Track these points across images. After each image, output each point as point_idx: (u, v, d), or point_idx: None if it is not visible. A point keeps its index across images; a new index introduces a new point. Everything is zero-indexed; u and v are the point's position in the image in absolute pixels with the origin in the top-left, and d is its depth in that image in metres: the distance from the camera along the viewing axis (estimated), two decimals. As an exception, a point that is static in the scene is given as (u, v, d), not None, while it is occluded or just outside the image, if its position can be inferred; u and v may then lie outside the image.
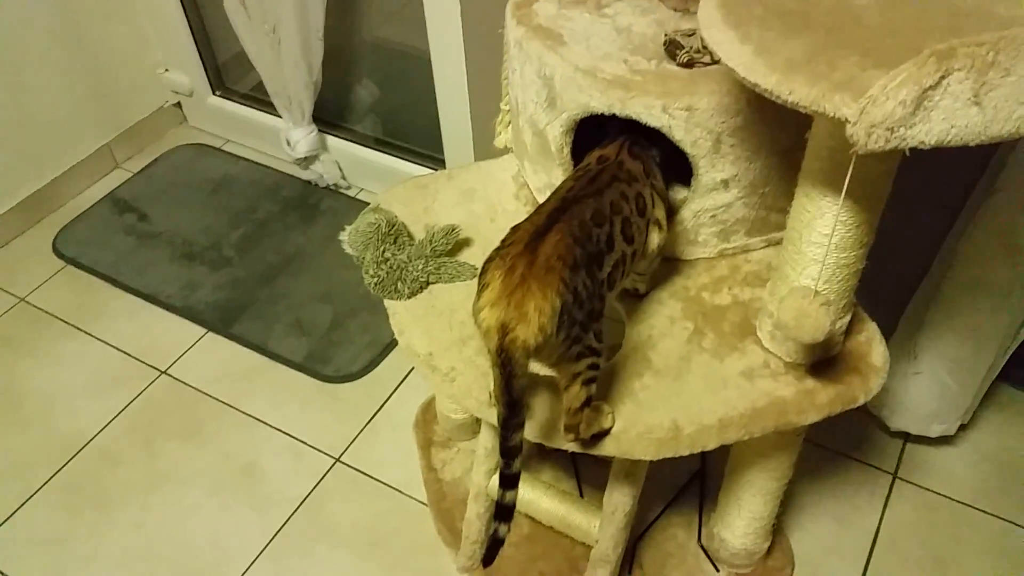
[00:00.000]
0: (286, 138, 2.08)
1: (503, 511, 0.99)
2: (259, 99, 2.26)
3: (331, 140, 2.15)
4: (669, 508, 1.51)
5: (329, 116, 2.16)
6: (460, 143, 1.84)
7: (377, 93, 2.15)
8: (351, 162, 2.15)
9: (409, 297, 1.17)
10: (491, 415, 1.06)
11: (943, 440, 1.56)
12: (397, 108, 2.15)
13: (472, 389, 1.08)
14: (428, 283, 1.19)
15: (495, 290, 0.86)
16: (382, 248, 1.16)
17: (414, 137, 2.10)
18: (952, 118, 0.67)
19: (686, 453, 1.02)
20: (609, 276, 0.96)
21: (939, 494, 1.53)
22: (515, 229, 0.92)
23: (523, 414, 0.91)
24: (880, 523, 1.49)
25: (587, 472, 1.52)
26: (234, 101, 2.36)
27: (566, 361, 0.92)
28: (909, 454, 1.58)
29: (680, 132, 1.06)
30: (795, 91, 0.72)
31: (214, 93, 2.37)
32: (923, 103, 0.66)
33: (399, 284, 1.16)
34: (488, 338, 0.86)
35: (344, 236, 1.21)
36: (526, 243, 0.88)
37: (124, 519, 1.55)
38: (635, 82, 1.06)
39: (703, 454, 1.47)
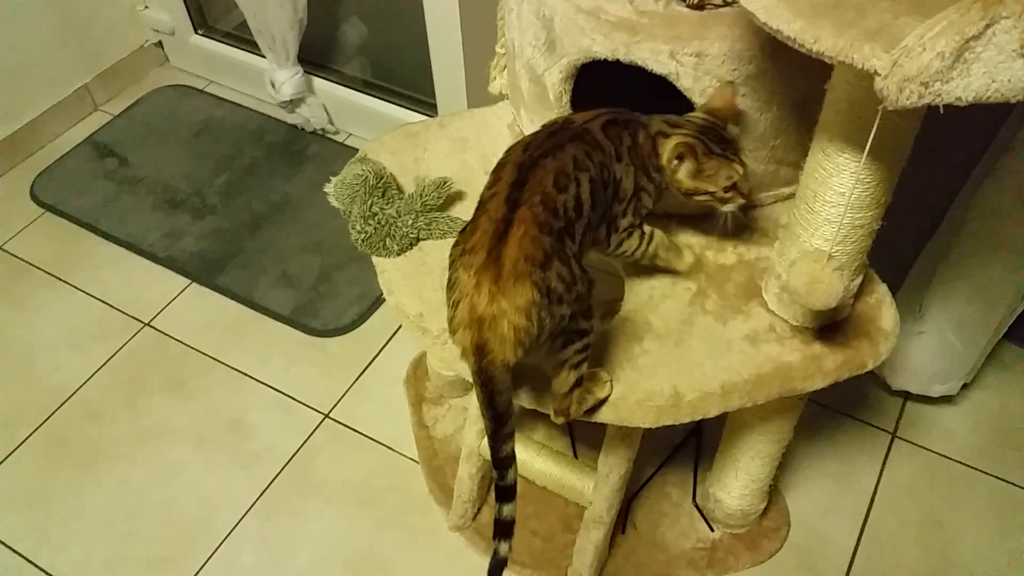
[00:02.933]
0: (270, 80, 1.99)
1: (502, 527, 0.94)
2: (243, 38, 2.16)
3: (317, 82, 2.06)
4: (664, 467, 1.48)
5: (315, 57, 2.06)
6: (453, 87, 1.76)
7: (365, 32, 2.05)
8: (339, 106, 2.07)
9: (398, 254, 1.12)
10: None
11: (944, 399, 1.53)
12: (387, 48, 2.06)
13: (464, 352, 1.03)
14: (419, 239, 1.13)
15: (465, 310, 0.80)
16: (370, 202, 1.10)
17: (405, 80, 2.01)
18: (994, 72, 0.61)
19: (687, 420, 0.98)
20: (581, 243, 0.88)
21: (938, 454, 1.50)
22: (475, 222, 0.84)
23: (510, 425, 0.86)
24: (878, 483, 1.47)
25: (582, 431, 1.49)
26: (217, 40, 2.25)
27: (553, 353, 0.87)
28: (909, 413, 1.55)
29: (688, 80, 0.99)
30: (820, 39, 0.65)
31: (196, 32, 2.26)
32: (964, 55, 0.59)
33: (388, 240, 1.10)
34: (465, 359, 0.81)
35: (330, 188, 1.15)
36: (489, 249, 0.80)
37: (108, 476, 1.52)
38: (641, 25, 0.99)
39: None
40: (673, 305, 1.05)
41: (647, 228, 1.01)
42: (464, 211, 1.18)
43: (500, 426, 0.86)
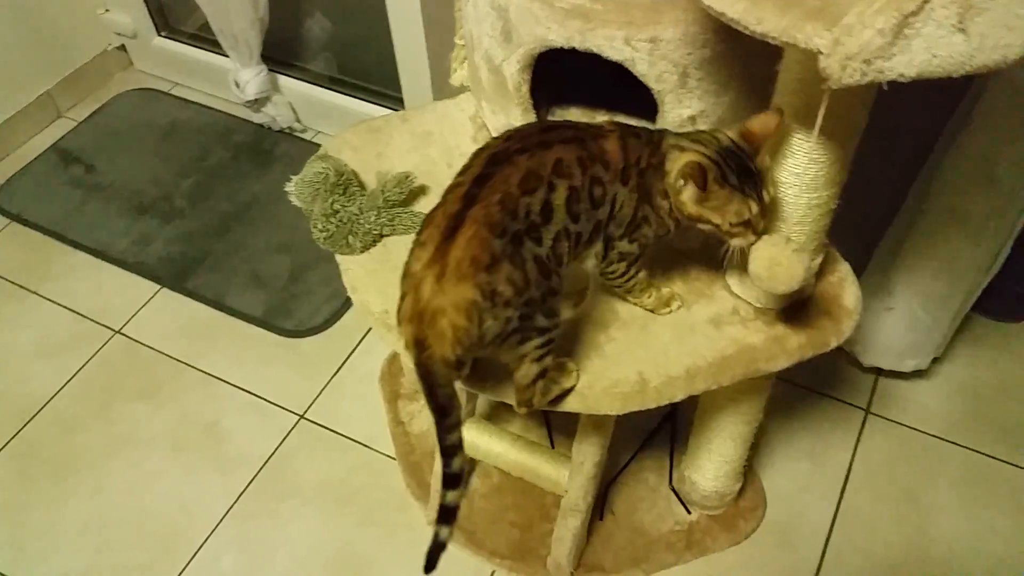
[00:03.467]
0: (234, 79, 1.97)
1: (445, 513, 0.94)
2: (207, 39, 2.13)
3: (283, 80, 2.04)
4: (640, 452, 1.48)
5: (280, 55, 2.04)
6: (418, 81, 1.75)
7: (330, 28, 2.03)
8: (305, 103, 2.05)
9: (362, 251, 1.11)
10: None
11: (916, 374, 1.55)
12: (352, 44, 2.04)
13: (430, 346, 1.02)
14: (382, 235, 1.12)
15: (408, 304, 0.81)
16: (331, 200, 1.09)
17: (371, 75, 2.00)
18: (935, 47, 0.61)
19: (653, 406, 0.98)
20: (554, 251, 0.84)
21: (912, 428, 1.52)
22: (431, 215, 0.84)
23: (455, 415, 0.86)
24: (853, 459, 1.48)
25: (558, 421, 1.49)
26: (181, 42, 2.23)
27: (507, 350, 0.86)
28: (882, 389, 1.57)
29: (643, 66, 0.99)
30: (764, 20, 0.65)
31: (159, 34, 2.24)
32: (903, 31, 0.60)
33: (350, 238, 1.09)
34: (407, 352, 0.82)
35: (290, 187, 1.14)
36: (437, 245, 0.80)
37: (83, 486, 1.51)
38: (595, 11, 0.99)
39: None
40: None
41: (637, 268, 0.98)
42: (428, 206, 1.15)
43: (443, 417, 0.85)
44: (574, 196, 0.85)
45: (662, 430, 1.50)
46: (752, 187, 0.85)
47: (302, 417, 1.58)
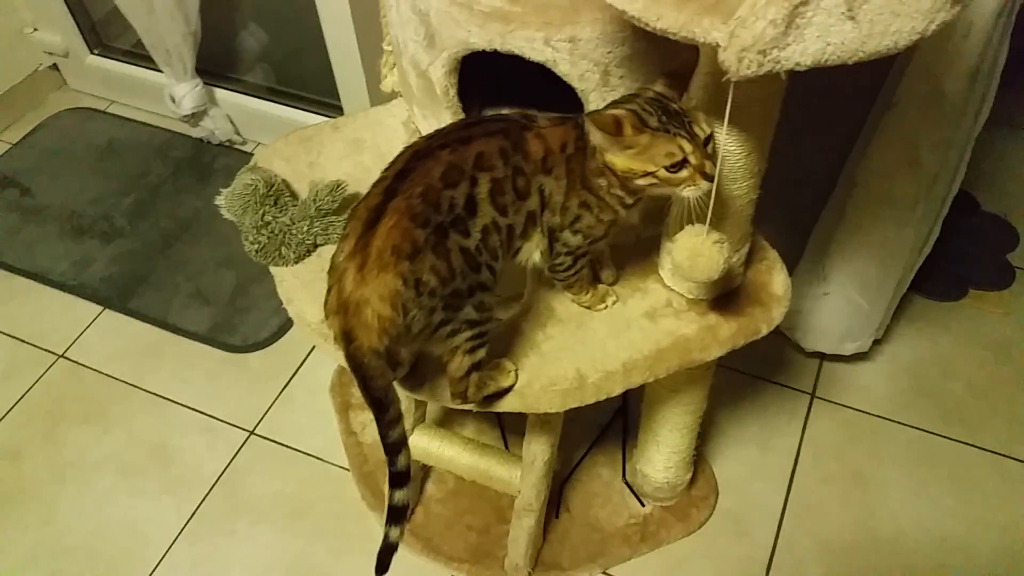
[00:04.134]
0: (170, 95, 1.95)
1: (394, 513, 0.94)
2: (142, 55, 2.10)
3: (220, 93, 2.02)
4: (593, 448, 1.49)
5: (215, 67, 2.02)
6: (354, 88, 1.74)
7: (265, 39, 2.02)
8: (244, 115, 2.03)
9: (296, 262, 1.10)
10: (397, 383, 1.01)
11: (858, 356, 1.58)
12: (288, 54, 2.02)
13: (368, 354, 1.02)
14: (316, 245, 1.12)
15: (334, 296, 0.81)
16: (261, 211, 1.08)
17: (309, 84, 1.98)
18: (827, 35, 0.62)
19: (592, 401, 0.99)
20: (484, 244, 0.85)
21: (856, 410, 1.55)
22: (355, 208, 0.84)
23: (393, 410, 0.86)
24: (800, 443, 1.51)
25: (512, 422, 1.49)
26: (115, 59, 2.19)
27: (436, 342, 0.87)
28: (826, 373, 1.60)
29: (565, 65, 0.99)
30: (663, 16, 0.66)
31: (92, 52, 2.20)
32: (795, 20, 0.61)
33: (283, 249, 1.08)
34: (337, 345, 0.82)
35: (221, 200, 1.13)
36: (358, 237, 0.80)
37: (31, 515, 1.47)
38: (514, 14, 0.99)
39: (624, 392, 1.46)
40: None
41: (583, 263, 0.98)
42: (363, 213, 1.17)
43: (382, 412, 0.85)
44: (497, 188, 0.85)
45: (614, 425, 1.51)
46: (678, 125, 0.81)
47: (252, 433, 1.56)
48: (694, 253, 0.84)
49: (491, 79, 1.16)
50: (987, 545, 1.37)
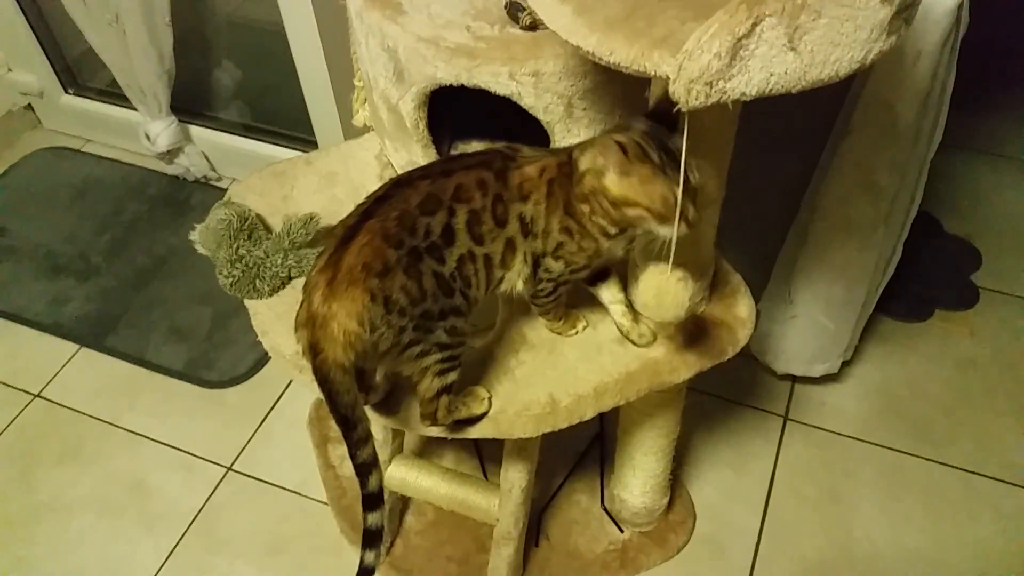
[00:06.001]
0: (145, 132, 1.96)
1: (368, 537, 0.94)
2: (117, 94, 2.12)
3: (195, 130, 2.04)
4: (571, 475, 1.50)
5: (190, 105, 2.04)
6: (328, 123, 1.77)
7: (239, 76, 2.04)
8: (219, 152, 2.05)
9: (270, 295, 1.11)
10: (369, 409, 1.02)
11: (829, 378, 1.60)
12: (263, 90, 2.05)
13: (342, 385, 1.03)
14: (290, 278, 1.13)
15: (304, 309, 0.83)
16: (235, 245, 1.10)
17: (284, 120, 2.01)
18: (770, 66, 0.65)
19: (565, 426, 1.00)
20: (459, 272, 0.87)
21: (829, 431, 1.57)
22: (332, 228, 0.86)
23: (361, 429, 0.87)
24: (775, 466, 1.52)
25: (490, 451, 1.50)
26: (89, 98, 2.21)
27: (406, 362, 0.88)
28: (798, 395, 1.62)
29: (530, 98, 1.03)
30: (615, 51, 0.69)
31: (67, 91, 2.22)
32: (739, 53, 0.64)
33: (257, 282, 1.10)
34: (304, 357, 0.83)
35: (195, 236, 1.14)
36: (331, 254, 0.82)
37: (4, 556, 1.45)
38: (479, 49, 1.02)
39: (600, 418, 1.47)
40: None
41: (563, 291, 0.98)
42: (336, 246, 1.19)
43: (349, 430, 0.86)
44: (474, 219, 0.87)
45: (591, 452, 1.52)
46: (675, 169, 0.79)
47: (230, 469, 1.56)
48: (660, 292, 0.86)
49: (461, 112, 1.19)
50: (959, 561, 1.39)
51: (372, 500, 0.92)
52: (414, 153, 1.18)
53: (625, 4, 0.72)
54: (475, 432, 0.99)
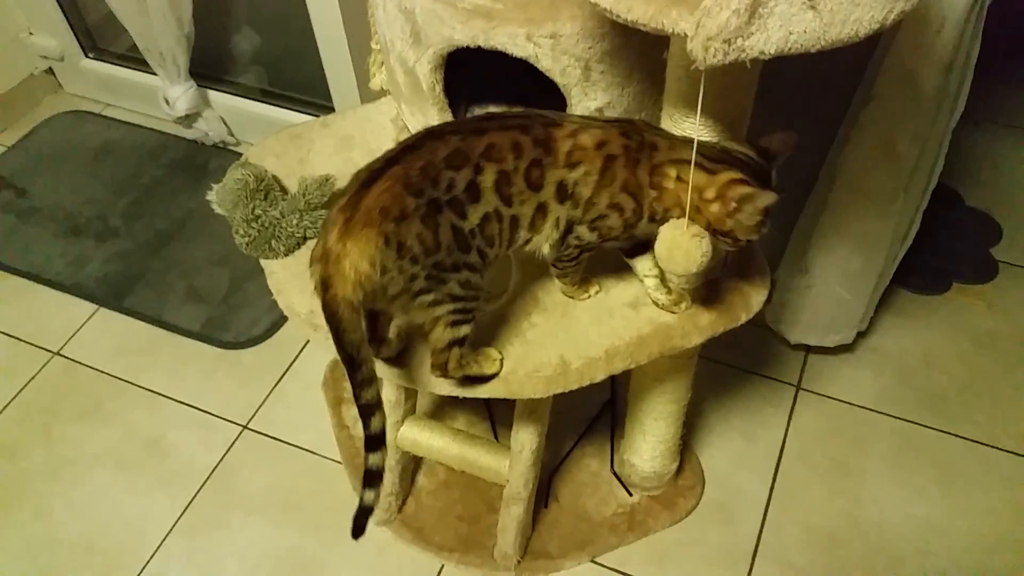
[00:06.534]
0: (164, 97, 1.97)
1: (368, 477, 0.95)
2: (136, 59, 2.13)
3: (213, 95, 2.04)
4: (582, 440, 1.52)
5: (209, 70, 2.05)
6: (345, 88, 1.77)
7: (258, 41, 2.04)
8: (237, 117, 2.06)
9: (286, 255, 1.13)
10: (381, 369, 1.03)
11: (843, 349, 1.60)
12: (281, 56, 2.05)
13: (356, 344, 1.04)
14: (305, 238, 1.14)
15: (320, 245, 0.84)
16: (252, 205, 1.11)
17: (302, 85, 2.01)
18: (789, 24, 0.65)
19: (575, 387, 1.01)
20: (481, 229, 0.88)
21: (841, 401, 1.57)
22: (357, 172, 0.87)
23: (366, 370, 0.87)
24: (786, 434, 1.53)
25: (501, 414, 1.51)
26: (110, 63, 2.22)
27: (417, 309, 0.89)
28: (811, 365, 1.62)
29: (547, 61, 1.02)
30: (633, 8, 0.69)
31: (87, 55, 2.23)
32: (758, 10, 0.63)
33: (273, 242, 1.11)
34: (316, 293, 0.84)
35: (212, 195, 1.15)
36: (352, 194, 0.83)
37: (26, 510, 1.49)
38: (496, 10, 1.02)
39: (612, 384, 1.49)
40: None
41: (587, 256, 0.99)
42: (352, 207, 1.20)
43: (354, 370, 0.87)
44: (504, 179, 0.87)
45: (602, 417, 1.53)
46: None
47: (245, 427, 1.58)
48: (673, 245, 0.86)
49: (478, 76, 1.19)
50: (968, 532, 1.39)
51: (374, 441, 0.93)
52: (430, 116, 1.18)
53: (643, -39, 0.71)
54: (486, 391, 1.00)
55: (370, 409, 0.90)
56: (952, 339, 1.66)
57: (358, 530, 0.96)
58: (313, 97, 1.99)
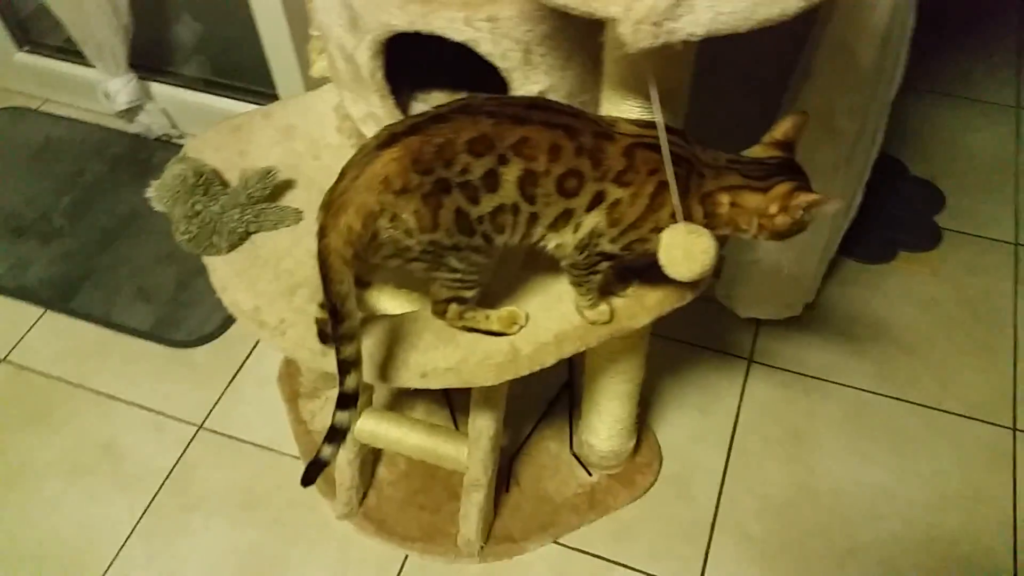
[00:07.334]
0: (103, 91, 1.92)
1: (332, 433, 0.94)
2: (74, 51, 2.06)
3: (155, 87, 1.99)
4: (541, 423, 1.52)
5: (150, 61, 1.99)
6: (289, 76, 1.74)
7: (200, 30, 1.99)
8: (180, 108, 2.01)
9: (229, 250, 1.11)
10: (327, 363, 1.02)
11: (793, 321, 1.63)
12: (224, 45, 2.01)
13: (305, 339, 1.03)
14: (249, 232, 1.12)
15: (329, 193, 0.86)
16: (191, 201, 1.08)
17: (246, 74, 1.97)
18: (717, 4, 0.65)
19: (526, 373, 1.01)
20: (492, 218, 0.86)
21: (792, 372, 1.60)
22: (379, 130, 0.87)
23: (349, 324, 0.87)
24: (739, 407, 1.55)
25: (461, 402, 1.51)
26: (45, 56, 2.15)
27: (412, 270, 0.91)
28: (762, 338, 1.65)
29: (487, 45, 1.01)
30: (562, -9, 0.68)
31: (21, 49, 2.15)
32: (684, -8, 0.63)
33: (215, 238, 1.09)
34: (316, 237, 0.86)
35: (151, 192, 1.13)
36: (367, 152, 0.84)
37: (-24, 521, 1.46)
38: (433, -5, 1.00)
39: (570, 366, 1.50)
40: (508, 267, 1.08)
41: (605, 268, 0.95)
42: (296, 199, 1.18)
43: (337, 322, 0.86)
44: (530, 178, 0.84)
45: (561, 399, 1.54)
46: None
47: (201, 427, 1.56)
48: (681, 251, 0.84)
49: (421, 60, 1.18)
50: (918, 494, 1.43)
51: (346, 399, 0.92)
52: (372, 104, 1.16)
53: (572, -56, 0.71)
54: (440, 382, 1.00)
55: (348, 366, 0.89)
56: (899, 306, 1.70)
57: (307, 480, 0.95)
58: (258, 86, 1.95)
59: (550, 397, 1.54)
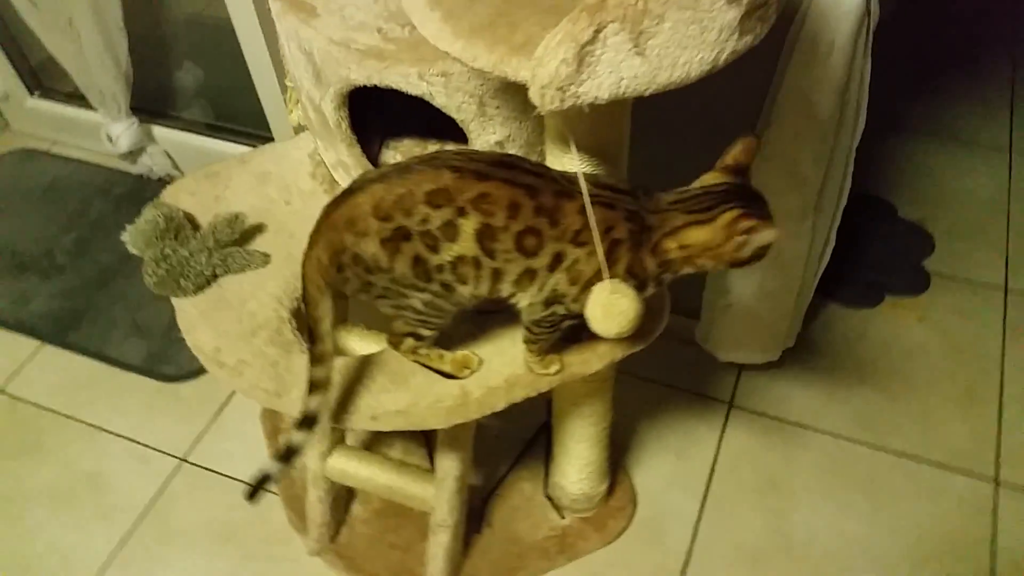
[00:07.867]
0: (106, 134, 1.99)
1: (287, 452, 0.95)
2: (81, 96, 2.14)
3: (157, 130, 2.06)
4: (517, 463, 1.53)
5: (152, 105, 2.07)
6: (282, 120, 1.79)
7: (201, 75, 2.07)
8: (182, 151, 2.08)
9: (195, 292, 1.14)
10: (283, 405, 1.05)
11: (775, 365, 1.62)
12: (224, 89, 2.07)
13: (261, 380, 1.06)
14: (215, 275, 1.16)
15: (320, 218, 0.92)
16: (161, 245, 1.13)
17: (245, 118, 2.03)
18: (618, 71, 0.67)
19: (476, 417, 1.03)
20: (454, 268, 0.88)
21: (772, 417, 1.59)
22: (362, 173, 0.93)
23: (321, 347, 0.93)
24: (717, 452, 1.55)
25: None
26: (56, 101, 2.24)
27: (379, 305, 0.96)
28: (744, 382, 1.64)
29: (442, 98, 1.05)
30: (478, 57, 0.71)
31: (32, 94, 2.25)
32: (585, 59, 0.66)
33: (182, 280, 1.12)
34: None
35: (125, 236, 1.17)
36: (344, 192, 0.90)
37: (-39, 550, 1.50)
38: (388, 51, 1.04)
39: (548, 407, 1.51)
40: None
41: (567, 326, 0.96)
42: (266, 243, 1.22)
43: (310, 342, 0.94)
44: (488, 233, 0.85)
45: (538, 440, 1.54)
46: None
47: (183, 460, 1.59)
48: (603, 310, 0.84)
49: (392, 108, 1.21)
50: (895, 546, 1.41)
51: (307, 420, 0.94)
52: (340, 152, 1.20)
53: (491, 10, 0.74)
54: (387, 425, 1.02)
55: (314, 388, 0.94)
56: (884, 352, 1.69)
57: (251, 495, 0.99)
58: (257, 129, 2.00)
59: (528, 437, 1.55)
